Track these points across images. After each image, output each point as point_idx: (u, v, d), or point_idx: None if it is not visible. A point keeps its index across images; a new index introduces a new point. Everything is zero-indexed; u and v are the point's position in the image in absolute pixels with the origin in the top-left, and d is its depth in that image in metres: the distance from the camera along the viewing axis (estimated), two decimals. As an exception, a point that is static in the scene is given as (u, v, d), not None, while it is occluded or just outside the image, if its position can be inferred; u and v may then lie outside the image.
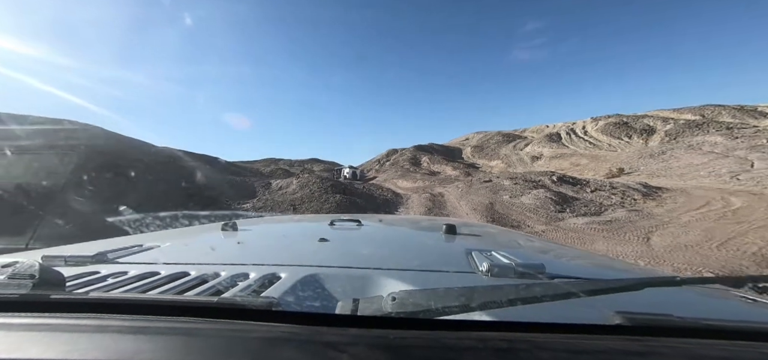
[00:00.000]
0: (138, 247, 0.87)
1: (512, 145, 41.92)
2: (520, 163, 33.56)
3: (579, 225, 6.94)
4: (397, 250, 1.02)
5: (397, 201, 13.39)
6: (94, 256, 0.72)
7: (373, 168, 38.16)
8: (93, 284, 0.59)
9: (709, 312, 0.56)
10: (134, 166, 11.46)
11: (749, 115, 30.72)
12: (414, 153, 40.76)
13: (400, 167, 35.08)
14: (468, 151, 43.95)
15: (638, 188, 9.40)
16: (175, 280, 0.60)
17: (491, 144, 44.14)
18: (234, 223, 1.21)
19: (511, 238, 1.38)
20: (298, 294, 0.52)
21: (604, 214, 7.58)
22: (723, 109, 34.32)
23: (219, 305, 0.41)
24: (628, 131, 34.44)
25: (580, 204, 8.57)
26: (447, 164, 34.57)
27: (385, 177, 28.76)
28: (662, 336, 0.38)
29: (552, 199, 8.84)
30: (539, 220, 7.65)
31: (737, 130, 19.07)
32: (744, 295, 0.64)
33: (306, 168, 39.92)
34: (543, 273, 0.62)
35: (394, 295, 0.40)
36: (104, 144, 11.91)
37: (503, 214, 8.42)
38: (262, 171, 30.75)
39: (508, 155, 37.61)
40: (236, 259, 0.72)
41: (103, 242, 0.99)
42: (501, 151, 39.86)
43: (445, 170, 32.95)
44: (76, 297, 0.45)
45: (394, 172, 31.27)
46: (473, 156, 40.91)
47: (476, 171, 31.60)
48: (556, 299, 0.41)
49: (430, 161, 36.67)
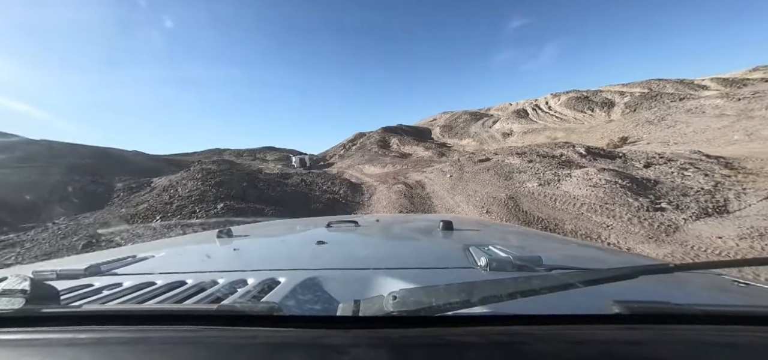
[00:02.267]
0: (131, 258, 0.84)
1: (480, 122, 40.18)
2: (492, 141, 31.69)
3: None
4: (396, 249, 0.97)
5: (353, 200, 9.27)
6: (86, 268, 0.69)
7: (337, 153, 33.08)
8: (88, 297, 0.57)
9: (703, 297, 0.56)
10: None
11: (690, 87, 31.65)
12: (382, 135, 36.60)
13: (368, 151, 30.79)
14: (437, 131, 41.28)
15: (707, 161, 6.29)
16: (173, 290, 0.58)
17: (459, 123, 42.01)
18: (229, 230, 1.19)
19: (506, 231, 1.38)
20: (299, 298, 0.51)
21: (743, 211, 4.13)
22: (666, 82, 35.36)
23: (219, 312, 0.40)
24: (589, 105, 34.30)
25: (669, 191, 5.08)
26: (418, 145, 31.27)
27: (349, 163, 24.28)
28: (660, 323, 0.38)
29: (621, 185, 5.33)
30: (638, 231, 3.99)
31: (734, 91, 18.06)
32: (736, 279, 0.64)
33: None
34: (540, 265, 0.62)
35: (394, 294, 0.39)
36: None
37: (549, 218, 4.71)
38: (185, 163, 24.01)
39: (478, 133, 35.70)
40: (234, 266, 0.71)
41: (95, 255, 1.03)
42: (470, 130, 37.91)
43: (416, 151, 29.53)
44: (72, 310, 0.44)
45: (360, 156, 27.04)
46: (443, 135, 38.32)
47: (449, 150, 28.68)
48: (555, 291, 0.40)
49: (399, 142, 33.02)
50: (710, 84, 30.97)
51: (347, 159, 27.80)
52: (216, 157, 32.53)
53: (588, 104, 34.76)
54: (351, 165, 22.54)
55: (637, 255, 2.03)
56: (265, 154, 36.80)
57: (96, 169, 12.04)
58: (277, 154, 36.96)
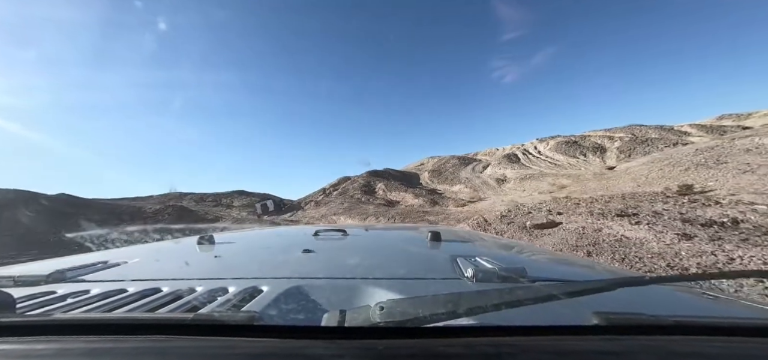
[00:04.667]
0: (102, 264, 0.79)
1: (470, 167, 37.61)
2: (486, 187, 28.49)
3: None
4: (384, 259, 0.94)
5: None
6: (49, 275, 0.64)
7: (315, 199, 28.39)
8: (49, 305, 0.52)
9: (675, 309, 0.57)
10: None
11: (671, 133, 30.82)
12: (368, 179, 32.73)
13: (349, 197, 26.45)
14: (426, 176, 38.10)
15: None
16: (146, 297, 0.54)
17: (448, 168, 39.30)
18: (210, 237, 1.14)
19: (493, 243, 1.36)
20: (282, 307, 0.48)
21: None
22: (648, 128, 34.77)
23: (195, 322, 0.37)
24: (580, 149, 32.77)
25: None
26: (406, 191, 27.40)
27: (323, 211, 19.70)
28: (635, 334, 0.38)
29: None
30: None
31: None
32: (705, 292, 0.66)
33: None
34: (525, 276, 0.61)
35: (381, 305, 0.38)
36: None
37: None
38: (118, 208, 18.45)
39: (469, 179, 32.66)
40: (214, 274, 0.67)
41: (60, 260, 0.93)
42: (461, 175, 34.97)
43: (405, 199, 25.49)
44: (28, 319, 0.40)
45: (339, 204, 22.60)
46: (432, 181, 35.00)
47: (442, 198, 24.86)
48: (538, 302, 0.41)
49: (386, 188, 29.11)
50: (690, 130, 30.26)
51: (323, 206, 23.16)
52: (172, 202, 26.93)
53: (579, 149, 33.20)
54: (325, 214, 17.95)
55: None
56: (232, 199, 31.54)
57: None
58: (246, 199, 31.88)
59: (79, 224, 16.08)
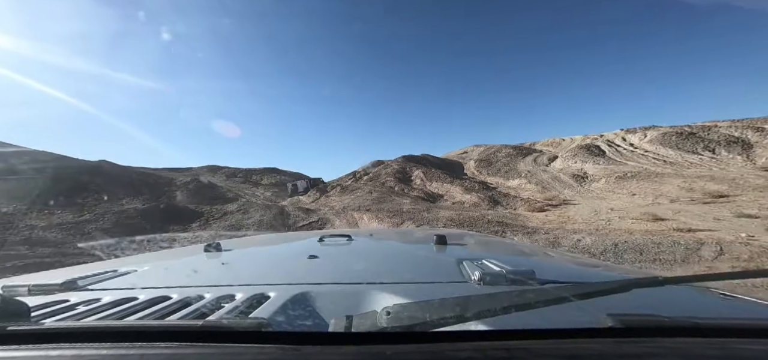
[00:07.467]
0: (112, 272, 0.80)
1: (531, 159, 29.49)
2: (560, 184, 21.03)
3: None
4: (389, 263, 0.94)
5: None
6: (62, 283, 0.65)
7: (341, 184, 24.34)
8: (62, 313, 0.53)
9: (691, 310, 0.56)
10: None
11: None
12: (402, 165, 27.58)
13: (380, 184, 21.72)
14: (471, 165, 31.35)
15: None
16: (155, 305, 0.54)
17: (500, 158, 31.63)
18: (217, 244, 1.13)
19: (498, 245, 1.35)
20: (289, 314, 0.48)
21: None
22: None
23: (204, 328, 0.37)
24: (704, 144, 22.69)
25: None
26: (451, 182, 21.54)
27: (347, 202, 15.33)
28: (652, 336, 0.37)
29: None
30: None
31: None
32: (722, 292, 0.63)
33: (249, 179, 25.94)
34: (533, 278, 0.60)
35: (388, 310, 0.37)
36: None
37: None
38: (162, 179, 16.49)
39: (532, 172, 25.07)
40: (221, 281, 0.67)
41: (72, 269, 0.94)
42: (519, 167, 27.39)
43: (450, 192, 19.76)
44: (43, 327, 0.40)
45: (366, 193, 18.07)
46: (480, 172, 28.23)
47: (502, 196, 18.53)
48: (549, 304, 0.40)
49: (425, 177, 23.61)
50: None
51: (348, 194, 18.80)
52: (199, 176, 25.46)
53: (701, 143, 23.06)
54: (347, 206, 13.54)
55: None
56: (262, 177, 29.46)
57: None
58: (277, 177, 29.56)
59: (86, 191, 14.58)
